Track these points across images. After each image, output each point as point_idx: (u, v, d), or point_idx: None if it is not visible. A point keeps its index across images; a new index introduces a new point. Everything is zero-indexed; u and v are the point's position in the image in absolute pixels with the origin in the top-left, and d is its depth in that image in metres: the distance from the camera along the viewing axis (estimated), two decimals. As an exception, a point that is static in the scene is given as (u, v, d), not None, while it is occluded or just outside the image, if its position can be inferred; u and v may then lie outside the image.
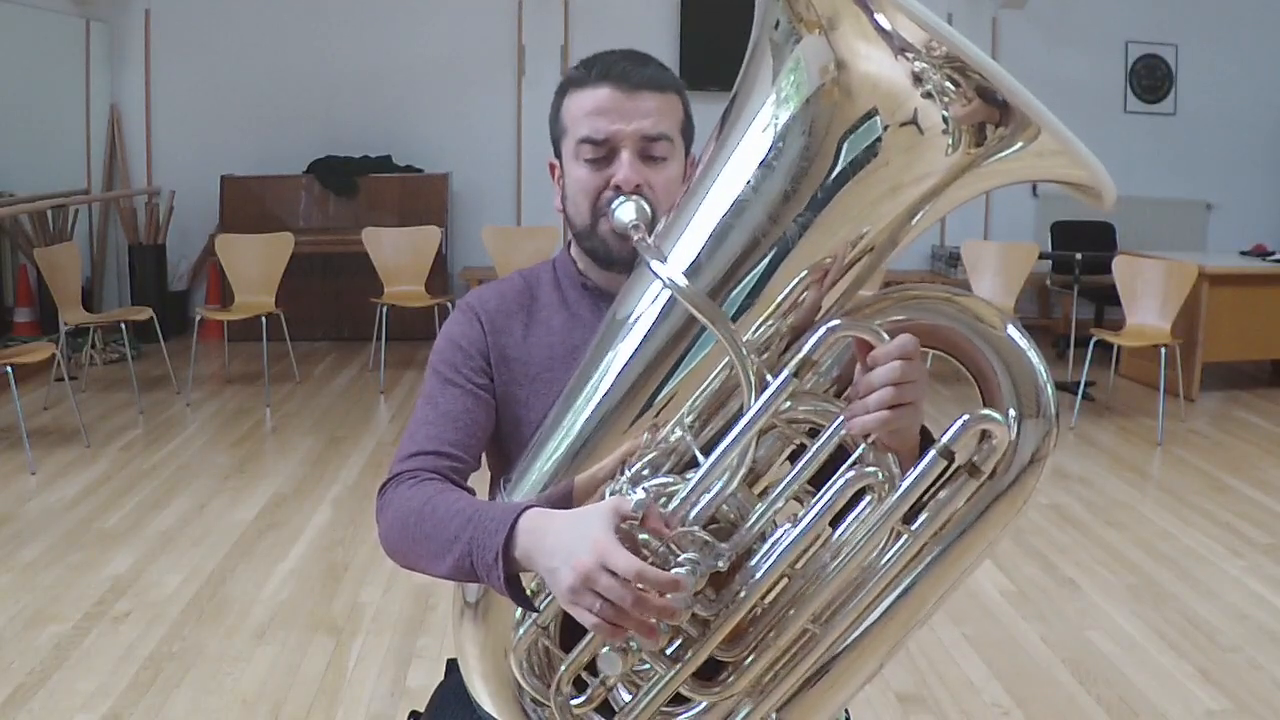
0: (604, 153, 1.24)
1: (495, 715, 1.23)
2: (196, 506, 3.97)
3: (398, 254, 6.16)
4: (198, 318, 5.89)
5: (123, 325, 5.70)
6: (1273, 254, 6.32)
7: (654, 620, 0.97)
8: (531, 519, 1.06)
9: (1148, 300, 5.29)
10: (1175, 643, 2.97)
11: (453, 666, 1.47)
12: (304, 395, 5.68)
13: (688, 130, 1.30)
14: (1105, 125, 7.33)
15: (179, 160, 7.09)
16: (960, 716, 2.59)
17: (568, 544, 0.99)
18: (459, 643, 1.25)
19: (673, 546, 1.03)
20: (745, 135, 1.05)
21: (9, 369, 4.42)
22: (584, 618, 0.98)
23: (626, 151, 1.23)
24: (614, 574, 0.95)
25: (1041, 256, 6.07)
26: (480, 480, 1.28)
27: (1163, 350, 5.11)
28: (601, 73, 1.25)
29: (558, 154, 1.32)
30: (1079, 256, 5.92)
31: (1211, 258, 6.26)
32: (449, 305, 6.13)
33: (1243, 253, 6.54)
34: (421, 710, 1.45)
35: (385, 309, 5.93)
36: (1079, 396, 5.41)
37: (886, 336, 1.04)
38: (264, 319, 5.67)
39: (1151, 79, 7.61)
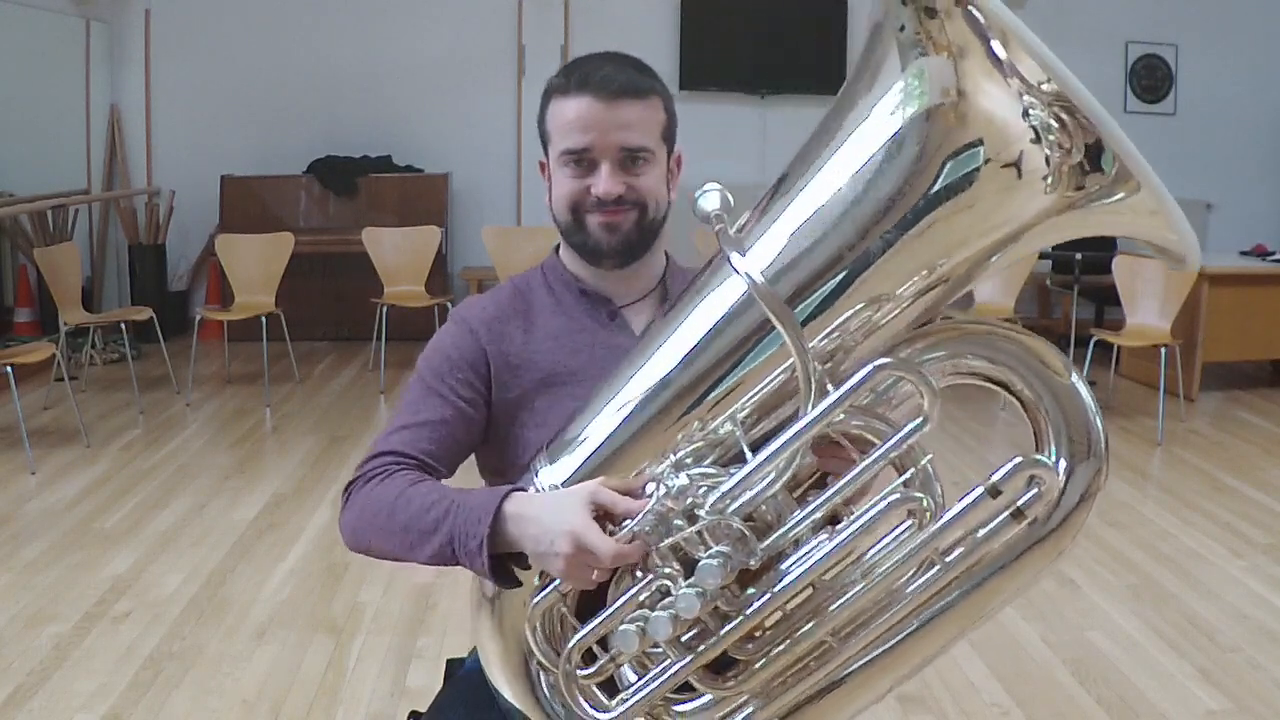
0: (584, 163, 1.28)
1: (514, 703, 1.24)
2: (196, 506, 3.97)
3: (398, 254, 6.16)
4: (198, 318, 5.89)
5: (123, 325, 5.71)
6: (1273, 254, 6.31)
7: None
8: (514, 504, 1.12)
9: (1148, 300, 5.29)
10: (1175, 643, 2.97)
11: (453, 667, 1.47)
12: (304, 395, 5.68)
13: (669, 133, 1.32)
14: (1105, 125, 7.33)
15: (179, 160, 7.09)
16: (960, 716, 2.59)
17: (550, 529, 1.09)
18: (477, 635, 1.25)
19: (707, 536, 1.05)
20: (851, 135, 1.04)
21: (9, 369, 4.42)
22: (586, 583, 1.10)
23: (606, 163, 1.26)
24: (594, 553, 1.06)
25: (1042, 256, 6.06)
26: (471, 483, 1.27)
27: (1163, 350, 5.11)
28: (580, 81, 1.26)
29: (545, 155, 1.34)
30: (1079, 256, 5.91)
31: (1211, 258, 6.23)
32: (449, 305, 6.13)
33: (1243, 253, 6.53)
34: (422, 710, 1.45)
35: (385, 309, 5.93)
36: (1079, 396, 5.39)
37: (932, 382, 1.03)
38: (264, 319, 5.67)
39: (1151, 79, 7.61)
